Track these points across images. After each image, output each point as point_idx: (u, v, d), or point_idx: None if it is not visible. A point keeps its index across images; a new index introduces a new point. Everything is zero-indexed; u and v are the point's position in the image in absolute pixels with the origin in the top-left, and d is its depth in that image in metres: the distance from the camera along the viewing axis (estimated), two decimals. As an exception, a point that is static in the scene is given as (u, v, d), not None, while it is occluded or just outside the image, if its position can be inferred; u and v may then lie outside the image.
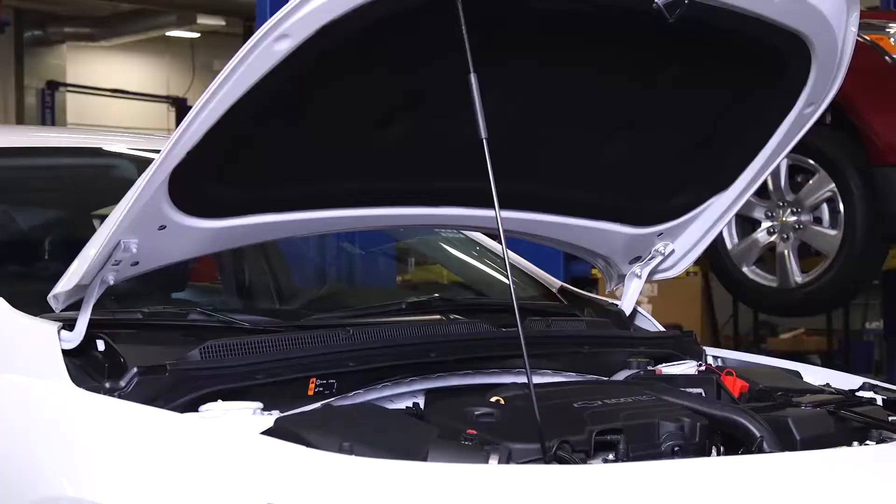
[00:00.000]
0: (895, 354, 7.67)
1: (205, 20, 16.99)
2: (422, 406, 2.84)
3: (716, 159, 3.37)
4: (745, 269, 5.96)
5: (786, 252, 5.78)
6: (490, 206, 3.13)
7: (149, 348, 2.76)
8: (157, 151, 2.56)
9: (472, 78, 2.46)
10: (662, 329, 3.71)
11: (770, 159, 3.40)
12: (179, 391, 2.59)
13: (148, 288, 3.32)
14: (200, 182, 2.67)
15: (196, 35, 18.72)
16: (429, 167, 3.03)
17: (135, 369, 2.58)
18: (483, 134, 2.45)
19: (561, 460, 2.41)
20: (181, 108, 18.66)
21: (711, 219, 3.52)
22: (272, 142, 2.73)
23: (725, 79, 3.14)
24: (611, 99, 3.07)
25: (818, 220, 5.72)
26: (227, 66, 2.42)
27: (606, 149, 3.22)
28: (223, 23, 17.25)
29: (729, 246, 5.97)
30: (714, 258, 6.05)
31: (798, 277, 5.78)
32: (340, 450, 2.26)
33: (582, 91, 3.02)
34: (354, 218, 3.07)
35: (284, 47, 2.43)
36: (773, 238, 5.84)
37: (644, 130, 3.19)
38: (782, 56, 3.10)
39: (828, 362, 9.34)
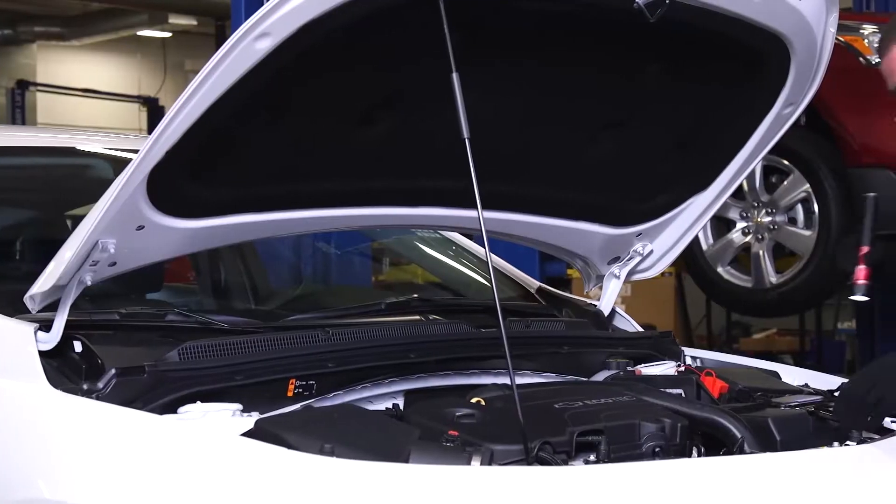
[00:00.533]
0: (867, 354, 7.69)
1: (176, 20, 16.94)
2: (401, 407, 2.84)
3: (695, 159, 3.38)
4: (720, 270, 5.98)
5: (760, 252, 5.79)
6: (469, 206, 3.14)
7: (126, 349, 2.73)
8: (134, 151, 2.54)
9: (454, 77, 2.45)
10: (641, 329, 3.71)
11: (749, 159, 3.40)
12: (158, 393, 2.56)
13: (123, 288, 3.29)
14: (179, 182, 2.65)
15: (167, 35, 18.65)
16: (409, 167, 3.01)
17: (112, 371, 2.56)
18: (465, 134, 2.43)
19: (542, 461, 2.40)
20: (152, 108, 18.59)
21: (690, 219, 3.53)
22: (252, 141, 2.71)
23: (705, 79, 3.14)
24: (591, 99, 3.06)
25: (793, 221, 5.73)
26: (207, 64, 2.40)
27: (587, 149, 3.21)
28: (195, 22, 17.19)
29: (704, 246, 5.98)
30: (689, 259, 6.06)
31: (773, 278, 5.80)
32: (321, 452, 2.24)
33: (562, 91, 3.01)
34: (335, 218, 3.05)
35: (265, 46, 2.41)
36: (747, 238, 5.86)
37: (624, 131, 3.19)
38: (761, 56, 3.11)
39: (800, 362, 9.36)
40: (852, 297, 3.25)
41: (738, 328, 10.87)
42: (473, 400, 2.71)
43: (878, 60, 5.47)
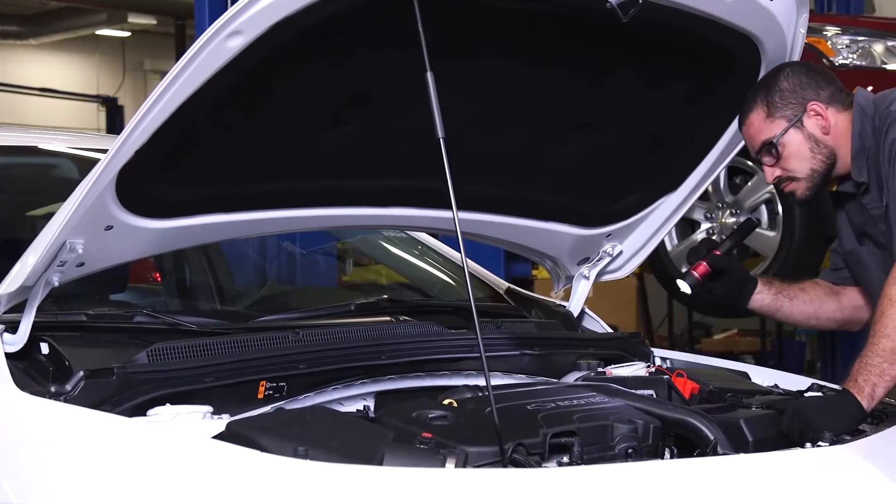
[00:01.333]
0: (827, 355, 7.72)
1: (136, 19, 16.81)
2: (372, 408, 2.82)
3: (665, 160, 3.37)
4: (684, 271, 5.96)
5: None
6: (439, 206, 3.14)
7: (94, 351, 2.71)
8: (98, 150, 2.51)
9: (429, 76, 2.43)
10: (610, 330, 3.70)
11: (719, 160, 3.41)
12: (127, 395, 2.53)
13: (86, 290, 3.25)
14: (149, 181, 2.62)
15: (127, 34, 18.50)
16: (379, 167, 3.00)
17: (81, 373, 2.52)
18: (440, 133, 2.41)
19: (516, 463, 2.39)
20: (111, 107, 18.40)
21: (660, 220, 3.53)
22: (222, 141, 2.68)
23: (676, 79, 3.14)
24: (562, 99, 3.06)
25: (757, 222, 5.73)
26: (178, 63, 2.38)
27: (558, 150, 3.20)
28: (154, 22, 17.06)
29: (669, 247, 5.97)
30: (654, 259, 6.04)
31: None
32: (295, 454, 2.22)
33: (533, 91, 3.00)
34: (305, 218, 3.03)
35: (237, 44, 2.39)
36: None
37: (596, 131, 3.18)
38: (732, 56, 3.11)
39: (761, 363, 9.38)
40: (678, 282, 3.28)
41: (700, 329, 10.89)
42: (446, 402, 2.70)
43: (842, 62, 5.53)
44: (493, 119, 3.03)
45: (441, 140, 2.41)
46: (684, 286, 3.32)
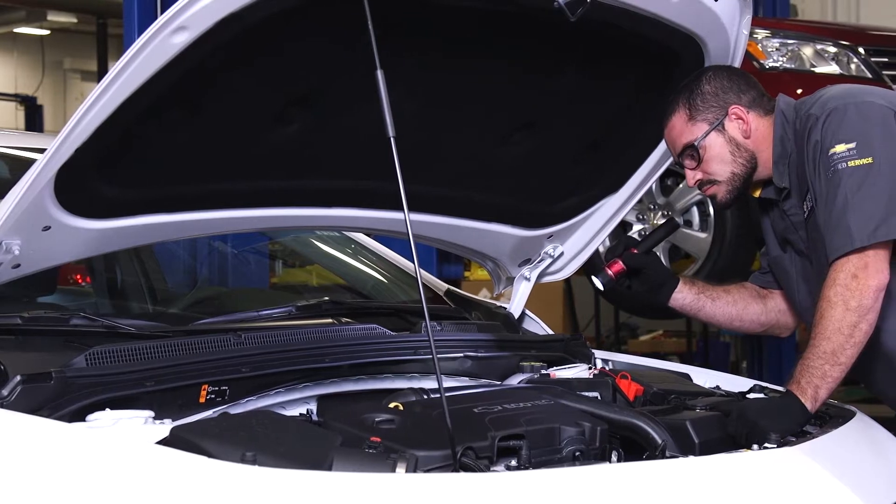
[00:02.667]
0: (753, 355, 7.79)
1: (55, 17, 16.58)
2: (315, 412, 2.77)
3: (608, 161, 3.37)
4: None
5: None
6: (381, 206, 3.11)
7: (31, 355, 2.64)
8: (29, 149, 2.44)
9: (379, 74, 2.39)
10: (550, 332, 3.69)
11: (660, 162, 3.41)
12: (66, 400, 2.46)
13: (13, 292, 3.17)
14: (89, 181, 2.56)
15: (46, 32, 18.26)
16: (324, 167, 2.96)
17: (17, 377, 2.45)
18: (391, 132, 2.37)
19: (466, 467, 2.36)
20: (30, 107, 18.13)
21: (601, 221, 3.52)
22: (165, 139, 2.63)
23: (621, 80, 3.14)
24: (506, 100, 3.04)
25: (688, 223, 5.76)
26: (122, 59, 2.33)
27: (502, 150, 3.19)
28: (75, 20, 16.84)
29: (601, 248, 5.97)
30: (586, 260, 6.04)
31: (669, 280, 5.80)
32: (243, 460, 2.17)
33: (478, 92, 2.98)
34: (248, 219, 2.99)
35: (182, 40, 2.34)
36: (644, 240, 5.85)
37: (540, 132, 3.17)
38: (676, 57, 3.11)
39: (687, 363, 9.45)
40: (592, 278, 3.29)
41: (626, 330, 10.95)
42: (391, 405, 2.67)
43: (773, 65, 5.57)
44: (437, 119, 3.00)
45: (392, 139, 2.37)
46: (598, 283, 3.32)
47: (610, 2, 2.78)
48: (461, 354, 3.21)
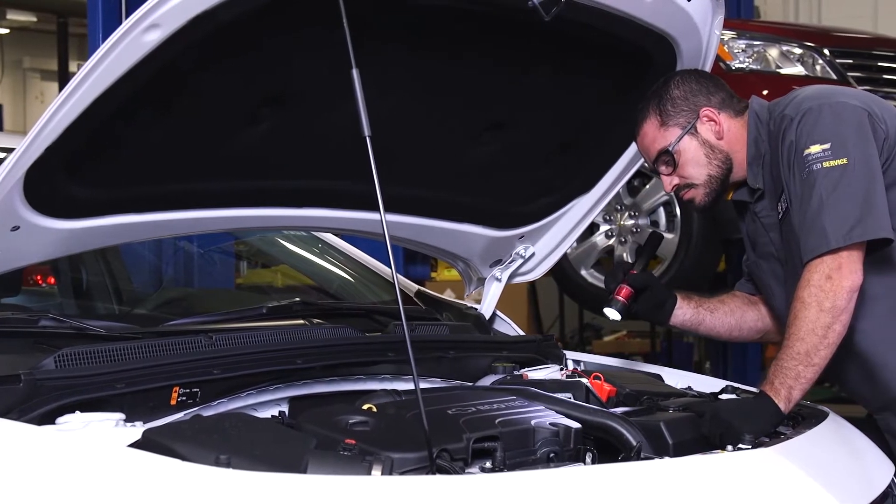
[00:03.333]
0: (717, 356, 7.81)
1: (15, 16, 16.45)
2: (287, 414, 2.75)
3: (579, 161, 3.36)
4: (583, 272, 5.98)
5: (624, 255, 5.82)
6: (353, 207, 3.09)
7: None
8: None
9: (355, 73, 2.37)
10: (521, 333, 3.67)
11: (632, 162, 3.41)
12: (34, 403, 2.42)
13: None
14: (58, 181, 2.53)
15: (5, 31, 18.09)
16: (295, 167, 2.94)
17: None
18: (366, 131, 2.35)
19: (441, 469, 2.34)
20: (-11, 105, 18.00)
21: (572, 222, 3.52)
22: (136, 139, 2.60)
23: (593, 80, 3.13)
24: (481, 99, 3.03)
25: (655, 224, 5.77)
26: (93, 57, 2.29)
27: (474, 150, 3.17)
28: (34, 19, 16.69)
29: (567, 249, 5.97)
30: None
31: (636, 280, 5.80)
32: (217, 463, 2.14)
33: (451, 91, 2.97)
34: (219, 219, 2.96)
35: (154, 38, 2.31)
36: (611, 241, 5.87)
37: (512, 131, 3.16)
38: (649, 57, 3.11)
39: (651, 363, 9.46)
40: (605, 310, 3.26)
41: (591, 330, 10.96)
42: (365, 406, 2.64)
43: (739, 66, 5.59)
44: (409, 119, 2.98)
45: (367, 139, 2.35)
46: (613, 314, 3.26)
47: (584, 1, 2.77)
48: (433, 356, 3.18)
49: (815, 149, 2.93)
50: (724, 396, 3.15)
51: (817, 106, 2.98)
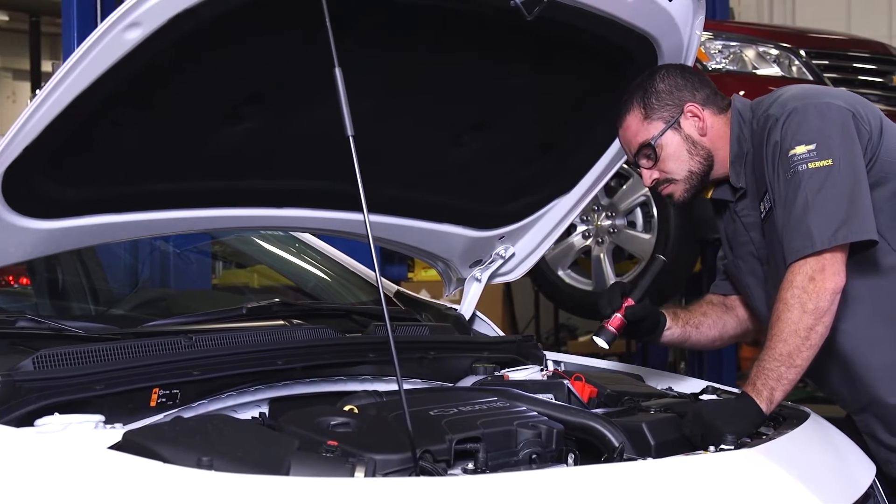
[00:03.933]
0: (693, 355, 7.82)
1: (-13, 15, 16.36)
2: (267, 415, 2.73)
3: (560, 162, 3.36)
4: (560, 273, 5.98)
5: (601, 256, 5.82)
6: (334, 207, 3.07)
7: None
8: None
9: (337, 72, 2.35)
10: (501, 334, 3.66)
11: (612, 162, 3.40)
12: (13, 405, 2.39)
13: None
14: (37, 180, 2.51)
15: (-23, 30, 18.00)
16: (276, 167, 2.92)
17: None
18: (349, 131, 2.34)
19: (424, 471, 2.33)
20: (-39, 105, 17.90)
21: (552, 222, 3.51)
22: (116, 138, 2.59)
23: (573, 80, 3.12)
24: (461, 99, 3.02)
25: (632, 225, 5.78)
26: (73, 55, 2.27)
27: (454, 150, 3.17)
28: (7, 18, 16.61)
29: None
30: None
31: (613, 281, 5.81)
32: (199, 465, 2.12)
33: (432, 91, 2.96)
34: (200, 219, 2.94)
35: (134, 36, 2.30)
36: (588, 242, 5.88)
37: (493, 131, 3.15)
38: (630, 57, 3.10)
39: (627, 363, 9.47)
40: (594, 338, 3.22)
41: (566, 331, 10.94)
42: (346, 408, 2.63)
43: (715, 66, 5.59)
44: (389, 119, 2.97)
45: (351, 138, 2.33)
46: (602, 343, 3.21)
47: (566, 1, 2.76)
48: (414, 356, 3.17)
49: (800, 149, 2.92)
50: (705, 397, 3.15)
51: (802, 106, 2.97)
